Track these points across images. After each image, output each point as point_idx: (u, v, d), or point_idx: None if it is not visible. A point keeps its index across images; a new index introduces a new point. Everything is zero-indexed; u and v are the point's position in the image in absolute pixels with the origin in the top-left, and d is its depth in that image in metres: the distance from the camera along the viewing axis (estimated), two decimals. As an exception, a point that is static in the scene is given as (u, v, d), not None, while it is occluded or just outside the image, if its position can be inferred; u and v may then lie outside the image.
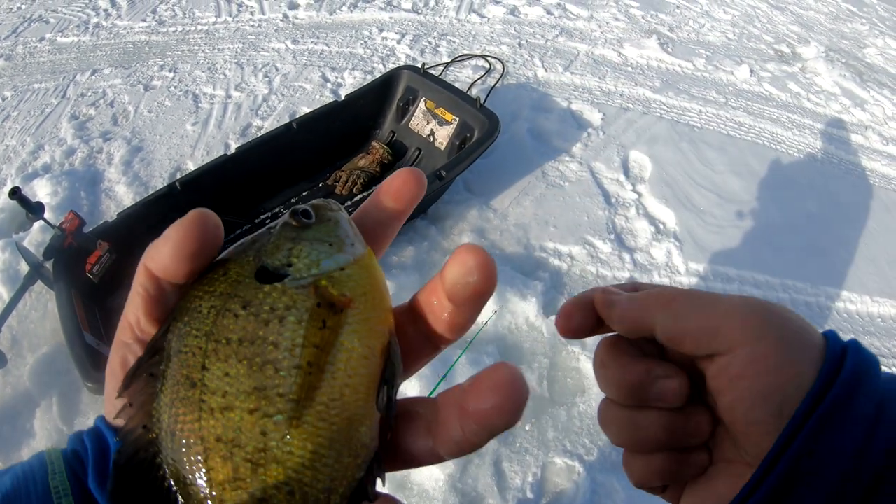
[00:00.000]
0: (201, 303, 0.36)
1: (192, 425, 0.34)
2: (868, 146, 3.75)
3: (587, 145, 3.21)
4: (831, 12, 5.49)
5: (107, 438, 0.39)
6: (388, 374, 0.35)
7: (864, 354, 0.38)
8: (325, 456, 0.34)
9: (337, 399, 0.34)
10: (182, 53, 3.75)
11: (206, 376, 0.34)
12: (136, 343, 0.39)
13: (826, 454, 0.35)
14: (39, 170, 2.87)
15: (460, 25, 4.17)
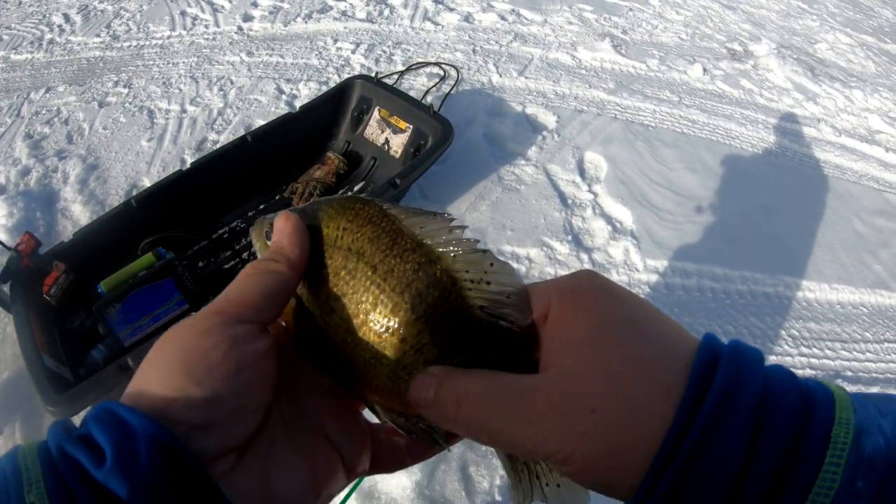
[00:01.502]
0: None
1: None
2: (821, 138, 3.84)
3: (542, 148, 3.25)
4: (782, 10, 5.62)
5: (129, 422, 0.36)
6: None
7: (742, 355, 0.36)
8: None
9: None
10: (137, 69, 3.72)
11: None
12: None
13: (707, 475, 0.33)
14: (-6, 192, 2.84)
15: (414, 33, 4.20)
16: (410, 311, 0.45)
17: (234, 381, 0.40)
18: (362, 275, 0.46)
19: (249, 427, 0.42)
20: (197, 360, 0.39)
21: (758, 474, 0.32)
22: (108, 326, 2.06)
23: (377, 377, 0.46)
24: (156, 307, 2.14)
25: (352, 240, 0.47)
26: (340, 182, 2.87)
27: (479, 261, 0.45)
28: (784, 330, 2.60)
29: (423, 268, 0.45)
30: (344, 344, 0.46)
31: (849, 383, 2.43)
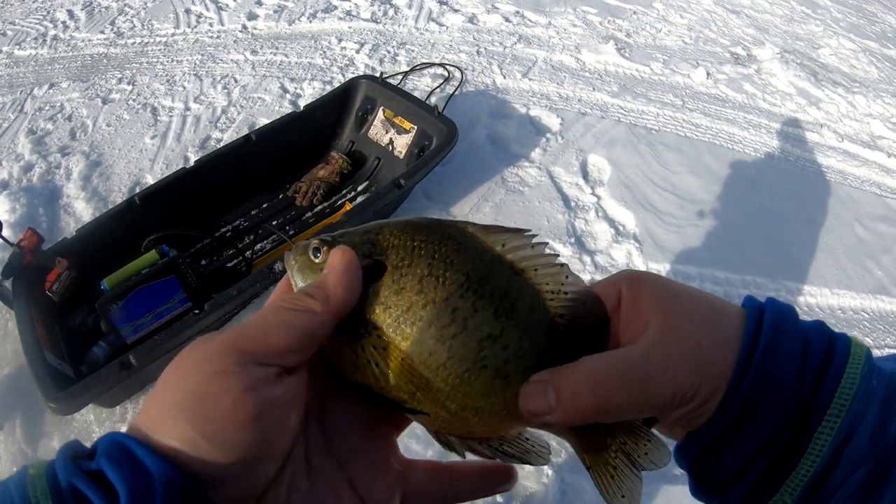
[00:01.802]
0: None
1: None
2: (823, 143, 3.84)
3: (546, 150, 3.25)
4: (786, 14, 5.61)
5: (145, 465, 0.34)
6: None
7: (780, 305, 0.45)
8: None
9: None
10: (140, 66, 3.72)
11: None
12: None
13: (774, 380, 0.41)
14: (-3, 187, 2.83)
15: (419, 34, 4.20)
16: (510, 317, 0.46)
17: (245, 433, 0.36)
18: (452, 284, 0.45)
19: (263, 479, 0.39)
20: (204, 408, 0.36)
21: (808, 375, 0.41)
22: (111, 323, 2.06)
23: (467, 396, 0.45)
24: (158, 305, 2.14)
25: (434, 252, 0.46)
26: (344, 182, 2.87)
27: (557, 273, 0.48)
28: (785, 335, 2.60)
29: (513, 279, 0.47)
30: (424, 365, 0.45)
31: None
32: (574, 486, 1.95)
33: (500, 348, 0.45)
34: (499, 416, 0.46)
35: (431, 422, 0.47)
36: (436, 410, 0.46)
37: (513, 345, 0.45)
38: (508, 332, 0.45)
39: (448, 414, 0.46)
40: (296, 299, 0.42)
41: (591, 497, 1.93)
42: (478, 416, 0.46)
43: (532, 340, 0.46)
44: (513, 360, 0.45)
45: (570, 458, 2.03)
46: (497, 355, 0.45)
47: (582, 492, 1.94)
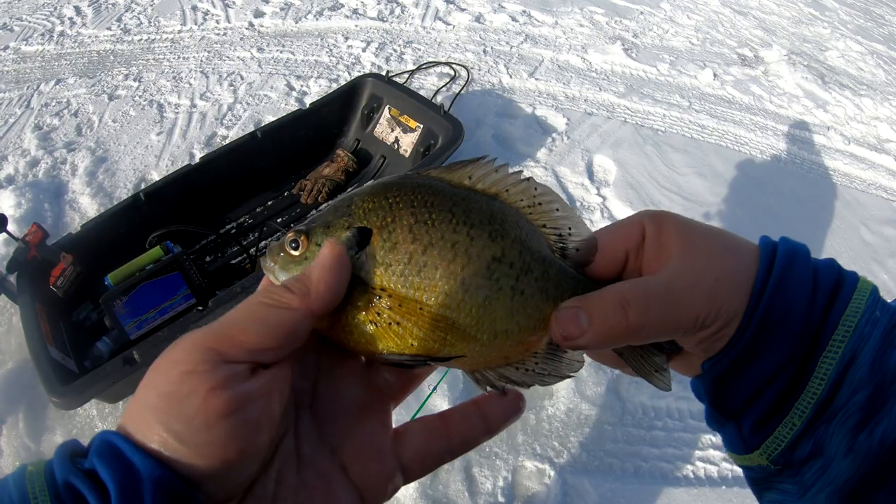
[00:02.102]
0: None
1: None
2: (830, 146, 3.82)
3: (552, 150, 3.24)
4: (793, 16, 5.60)
5: (134, 463, 0.35)
6: None
7: (793, 242, 0.49)
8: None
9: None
10: (147, 62, 3.72)
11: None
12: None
13: (786, 308, 0.45)
14: (3, 181, 2.83)
15: (425, 33, 4.20)
16: (505, 236, 0.47)
17: (216, 431, 0.36)
18: (441, 223, 0.47)
19: (244, 476, 0.39)
20: (174, 409, 0.36)
21: (816, 305, 0.45)
22: (115, 319, 2.06)
23: (493, 321, 0.47)
24: (162, 301, 2.14)
25: (411, 201, 0.47)
26: (350, 180, 2.86)
27: (527, 188, 0.50)
28: (791, 338, 2.59)
29: (492, 202, 0.49)
30: (445, 307, 0.45)
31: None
32: (576, 486, 1.95)
33: (507, 267, 0.47)
34: (527, 331, 0.48)
35: (468, 361, 0.47)
36: (470, 347, 0.46)
37: (517, 260, 0.47)
38: (509, 250, 0.47)
39: (481, 346, 0.47)
40: (274, 293, 0.42)
41: (594, 498, 1.93)
42: (509, 338, 0.47)
43: (531, 252, 0.48)
44: (523, 275, 0.47)
45: (571, 458, 2.02)
46: (508, 274, 0.47)
47: (584, 493, 1.93)
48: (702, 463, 2.09)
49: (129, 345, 2.03)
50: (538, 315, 0.48)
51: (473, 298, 0.46)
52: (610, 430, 2.11)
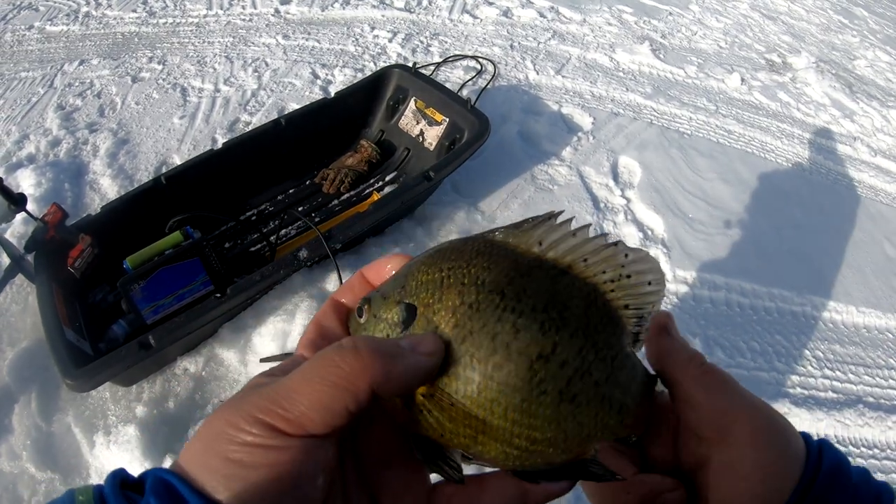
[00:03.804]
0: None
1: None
2: (856, 157, 3.77)
3: (577, 149, 3.21)
4: (823, 23, 5.52)
5: (189, 501, 0.34)
6: None
7: (837, 456, 0.44)
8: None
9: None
10: (172, 46, 3.71)
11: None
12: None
13: None
14: (24, 160, 2.82)
15: (452, 26, 4.16)
16: (562, 328, 0.40)
17: (282, 500, 0.35)
18: (486, 308, 0.40)
19: None
20: (243, 477, 0.35)
21: None
22: (132, 303, 2.05)
23: (533, 429, 0.40)
24: (180, 287, 2.12)
25: (463, 277, 0.41)
26: (373, 171, 2.84)
27: (612, 256, 0.42)
28: (809, 350, 2.55)
29: (558, 280, 0.41)
30: (476, 405, 0.39)
31: (870, 410, 2.38)
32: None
33: (556, 367, 0.39)
34: (576, 440, 0.41)
35: (503, 463, 0.41)
36: (503, 450, 0.40)
37: (573, 359, 0.40)
38: (564, 346, 0.39)
39: (518, 451, 0.40)
40: (342, 369, 0.37)
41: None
42: (552, 446, 0.40)
43: (597, 349, 0.41)
44: (577, 378, 0.40)
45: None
46: (557, 376, 0.39)
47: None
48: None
49: (144, 329, 2.01)
50: (596, 424, 0.41)
51: (509, 400, 0.39)
52: (627, 437, 2.08)
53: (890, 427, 2.35)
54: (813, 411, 2.30)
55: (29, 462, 1.83)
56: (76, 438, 1.91)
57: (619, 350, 0.42)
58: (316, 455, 0.37)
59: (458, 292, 0.40)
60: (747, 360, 2.42)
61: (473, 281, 0.40)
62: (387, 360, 0.37)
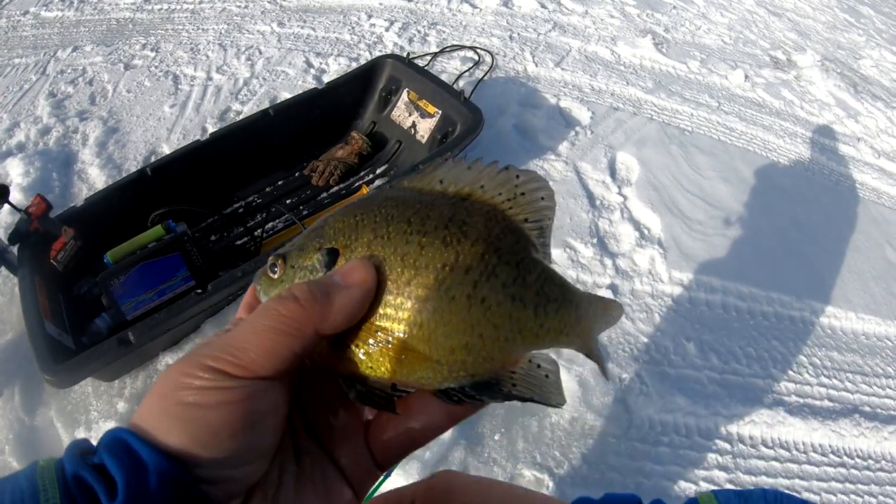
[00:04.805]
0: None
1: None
2: (859, 158, 3.71)
3: (574, 144, 3.14)
4: (829, 21, 5.43)
5: (142, 457, 0.35)
6: None
7: None
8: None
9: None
10: (165, 32, 3.66)
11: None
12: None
13: None
14: (14, 149, 2.79)
15: (451, 15, 4.09)
16: (462, 240, 0.43)
17: (238, 441, 0.37)
18: (396, 236, 0.44)
19: (257, 475, 0.39)
20: (199, 418, 0.36)
21: None
22: (112, 298, 2.02)
23: (448, 336, 0.42)
24: (161, 282, 2.09)
25: (375, 216, 0.45)
26: (363, 163, 2.79)
27: (506, 180, 0.46)
28: (806, 357, 2.50)
29: (458, 205, 0.45)
30: (394, 324, 0.42)
31: (866, 419, 2.33)
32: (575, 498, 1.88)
33: (461, 273, 0.42)
34: (497, 345, 0.43)
35: (431, 382, 0.43)
36: (428, 368, 0.43)
37: (476, 265, 0.43)
38: (465, 254, 0.43)
39: (441, 365, 0.42)
40: (283, 316, 0.40)
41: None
42: (471, 353, 0.42)
43: (500, 254, 0.44)
44: (483, 281, 0.43)
45: (571, 469, 1.97)
46: (462, 281, 0.42)
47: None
48: (706, 483, 2.02)
49: (126, 324, 1.98)
50: (512, 326, 0.43)
51: (423, 315, 0.42)
52: (614, 443, 2.04)
53: (886, 438, 2.30)
54: (808, 420, 2.26)
55: (11, 456, 1.82)
56: (58, 433, 1.90)
57: (524, 255, 0.45)
58: (266, 396, 0.39)
59: (372, 229, 0.44)
60: (742, 367, 2.37)
61: (384, 218, 0.44)
62: (324, 299, 0.40)
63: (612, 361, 2.24)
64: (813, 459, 2.19)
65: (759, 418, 2.23)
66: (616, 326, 2.34)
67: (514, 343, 0.43)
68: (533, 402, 0.43)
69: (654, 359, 2.30)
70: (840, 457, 2.22)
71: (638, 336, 2.36)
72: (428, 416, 0.44)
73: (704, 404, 2.21)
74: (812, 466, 2.17)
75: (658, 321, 2.43)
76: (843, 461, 2.21)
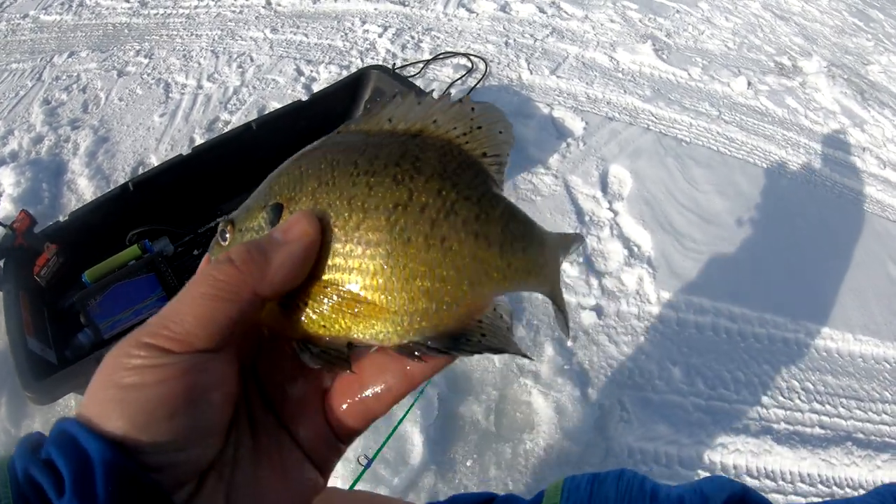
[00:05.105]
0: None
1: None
2: (864, 170, 3.62)
3: (565, 157, 3.09)
4: (837, 26, 5.31)
5: (87, 449, 0.34)
6: None
7: None
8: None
9: None
10: (160, 38, 3.64)
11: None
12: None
13: None
14: (6, 157, 2.80)
15: (447, 20, 4.04)
16: (415, 177, 0.41)
17: (178, 420, 0.36)
18: (341, 180, 0.41)
19: (207, 455, 0.38)
20: (136, 400, 0.35)
21: None
22: (89, 318, 2.04)
23: (406, 281, 0.39)
24: (136, 302, 2.09)
25: (320, 164, 0.42)
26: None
27: (460, 112, 0.43)
28: (798, 382, 2.45)
29: (409, 142, 0.42)
30: (346, 276, 0.39)
31: (859, 447, 2.27)
32: None
33: (416, 212, 0.39)
34: (458, 290, 0.40)
35: (391, 337, 0.40)
36: (387, 321, 0.40)
37: (433, 202, 0.40)
38: (419, 192, 0.40)
39: (400, 316, 0.40)
40: (219, 281, 0.38)
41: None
42: (433, 300, 0.40)
43: (458, 190, 0.41)
44: (441, 219, 0.40)
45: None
46: (418, 221, 0.39)
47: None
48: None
49: (102, 344, 2.00)
50: (477, 268, 0.40)
51: (374, 258, 0.39)
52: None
53: (879, 466, 2.24)
54: (796, 449, 2.21)
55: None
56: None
57: (485, 189, 0.42)
58: (208, 370, 0.37)
59: (317, 177, 0.41)
60: (730, 392, 2.32)
61: (329, 164, 0.41)
62: (261, 258, 0.38)
63: (592, 386, 2.20)
64: (800, 490, 2.14)
65: (745, 447, 2.18)
66: (599, 349, 2.31)
67: (479, 287, 0.41)
68: (506, 353, 0.41)
69: (637, 383, 2.26)
70: (829, 486, 2.17)
71: (621, 359, 2.32)
72: (384, 380, 0.42)
73: (688, 432, 2.17)
74: (799, 497, 2.12)
75: (643, 344, 2.39)
76: (832, 491, 2.16)
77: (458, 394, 2.09)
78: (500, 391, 2.13)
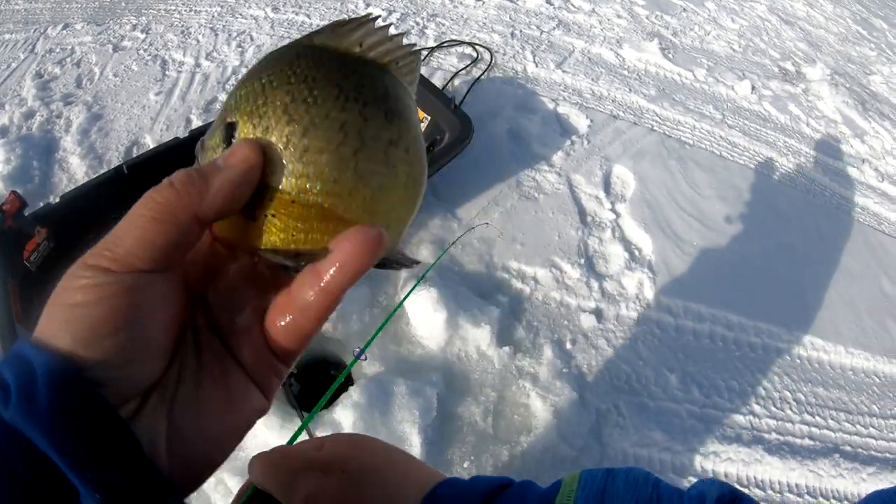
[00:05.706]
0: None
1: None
2: (863, 181, 3.62)
3: (569, 154, 3.06)
4: (841, 33, 5.30)
5: (31, 362, 0.35)
6: None
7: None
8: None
9: None
10: (158, 13, 3.55)
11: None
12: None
13: None
14: (-4, 133, 2.72)
15: (452, 7, 3.97)
16: (403, 119, 0.41)
17: (121, 337, 0.36)
18: (331, 104, 0.39)
19: (152, 374, 0.39)
20: (80, 318, 0.36)
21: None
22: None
23: (385, 215, 0.40)
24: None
25: (288, 78, 0.40)
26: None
27: (412, 64, 0.44)
28: (790, 392, 2.45)
29: (385, 77, 0.42)
30: (333, 198, 0.39)
31: (846, 460, 2.28)
32: None
33: (403, 152, 0.41)
34: (410, 220, 0.43)
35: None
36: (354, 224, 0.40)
37: (412, 146, 0.41)
38: (405, 133, 0.41)
39: (371, 217, 0.40)
40: (160, 203, 0.39)
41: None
42: (399, 228, 0.42)
43: (420, 137, 0.43)
44: (416, 162, 0.42)
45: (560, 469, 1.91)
46: (403, 160, 0.41)
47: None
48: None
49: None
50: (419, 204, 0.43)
51: (368, 187, 0.39)
52: (586, 479, 2.00)
53: (864, 479, 2.26)
54: (786, 460, 2.21)
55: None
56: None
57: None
58: (148, 290, 0.38)
59: (287, 90, 0.40)
60: (724, 401, 2.32)
61: (302, 78, 0.40)
62: (202, 182, 0.39)
63: (589, 390, 2.19)
64: (788, 500, 2.15)
65: (737, 456, 2.18)
66: (598, 353, 2.30)
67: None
68: (408, 267, 0.44)
69: (633, 389, 2.25)
70: (816, 497, 2.18)
71: (619, 364, 2.30)
72: (307, 296, 0.41)
73: (682, 440, 2.16)
74: (787, 508, 2.13)
75: (641, 349, 2.37)
76: (818, 502, 2.17)
77: (456, 394, 2.07)
78: (498, 392, 2.10)
